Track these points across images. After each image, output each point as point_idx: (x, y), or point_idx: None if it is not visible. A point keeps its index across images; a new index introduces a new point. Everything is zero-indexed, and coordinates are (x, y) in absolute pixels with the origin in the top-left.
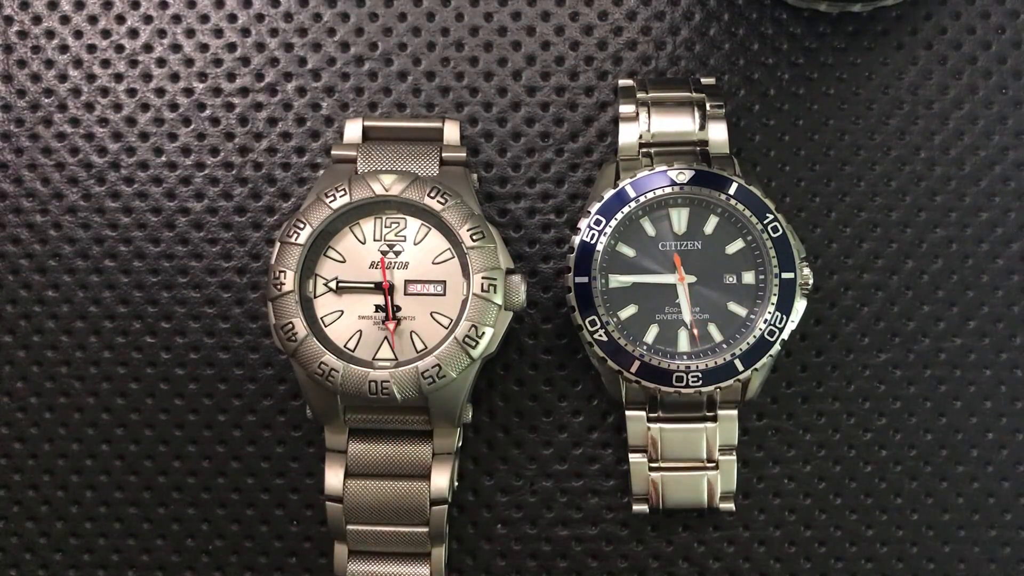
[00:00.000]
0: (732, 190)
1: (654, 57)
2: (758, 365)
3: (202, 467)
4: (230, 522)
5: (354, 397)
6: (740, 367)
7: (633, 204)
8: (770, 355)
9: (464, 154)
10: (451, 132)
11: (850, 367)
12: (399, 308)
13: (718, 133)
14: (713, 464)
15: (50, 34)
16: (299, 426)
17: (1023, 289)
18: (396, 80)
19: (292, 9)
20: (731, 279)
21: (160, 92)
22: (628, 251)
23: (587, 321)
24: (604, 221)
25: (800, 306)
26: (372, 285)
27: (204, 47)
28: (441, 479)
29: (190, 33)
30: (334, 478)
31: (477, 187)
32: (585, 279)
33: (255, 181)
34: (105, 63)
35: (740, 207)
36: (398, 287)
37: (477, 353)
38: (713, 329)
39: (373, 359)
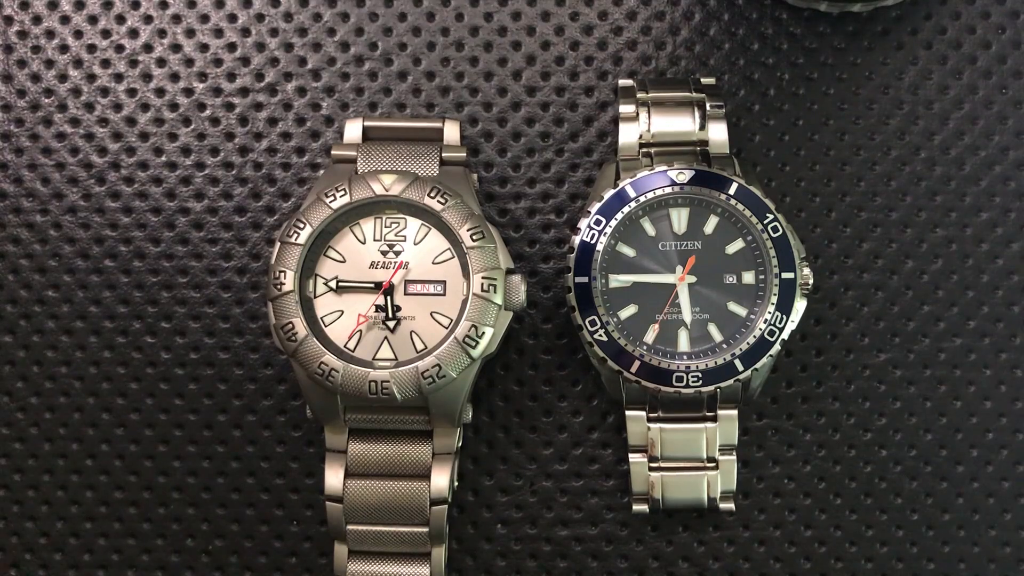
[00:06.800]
0: (732, 190)
1: (654, 57)
2: (758, 365)
3: (202, 467)
4: (230, 522)
5: (354, 397)
6: (740, 367)
7: (633, 204)
8: (770, 355)
9: (464, 154)
10: (451, 132)
11: (850, 367)
12: (399, 308)
13: (718, 133)
14: (713, 464)
15: (50, 34)
16: (299, 426)
17: (1023, 289)
18: (396, 80)
19: (292, 9)
20: (731, 279)
21: (160, 92)
22: (628, 251)
23: (587, 321)
24: (604, 221)
25: (800, 306)
26: (372, 285)
27: (204, 47)
28: (441, 479)
29: (190, 33)
30: (334, 478)
31: (477, 187)
32: (585, 279)
33: (255, 181)
34: (105, 63)
35: (740, 207)
36: (398, 287)
37: (477, 353)
38: (713, 329)
39: (373, 359)
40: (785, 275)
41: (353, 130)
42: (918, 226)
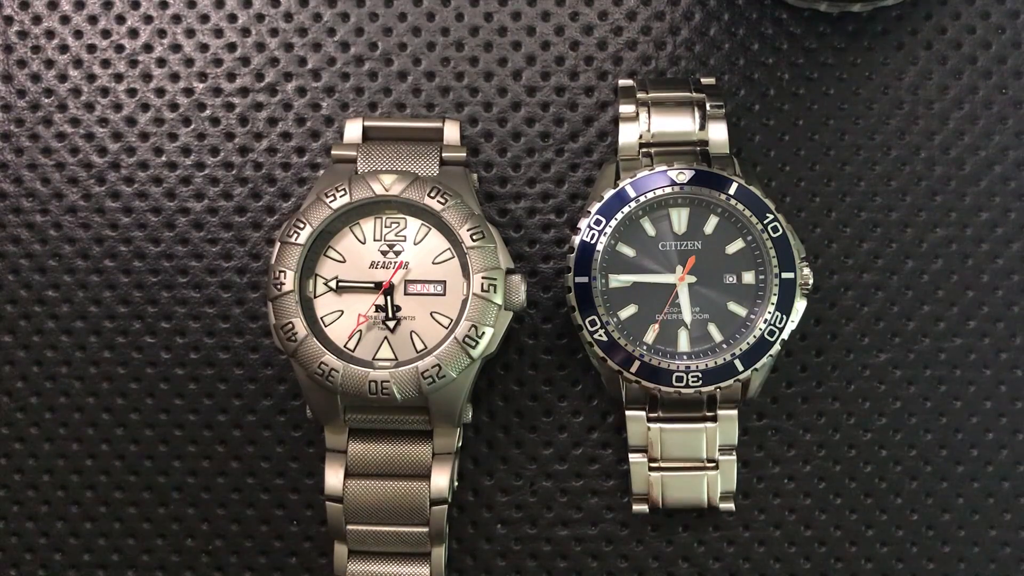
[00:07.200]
0: (732, 190)
1: (654, 57)
2: (758, 365)
3: (202, 467)
4: (230, 522)
5: (354, 397)
6: (740, 367)
7: (633, 204)
8: (770, 355)
9: (464, 154)
10: (451, 132)
11: (850, 367)
12: (399, 308)
13: (718, 133)
14: (713, 464)
15: (50, 34)
16: (299, 426)
17: (1023, 289)
18: (396, 80)
19: (292, 9)
20: (731, 279)
21: (160, 92)
22: (628, 251)
23: (587, 321)
24: (604, 221)
25: (800, 306)
26: (372, 285)
27: (204, 47)
28: (441, 479)
29: (190, 33)
30: (334, 478)
31: (477, 187)
32: (585, 279)
33: (255, 181)
34: (105, 63)
35: (740, 207)
36: (398, 287)
37: (477, 353)
38: (713, 329)
39: (373, 359)
40: (785, 275)
41: (353, 130)
42: (918, 226)
